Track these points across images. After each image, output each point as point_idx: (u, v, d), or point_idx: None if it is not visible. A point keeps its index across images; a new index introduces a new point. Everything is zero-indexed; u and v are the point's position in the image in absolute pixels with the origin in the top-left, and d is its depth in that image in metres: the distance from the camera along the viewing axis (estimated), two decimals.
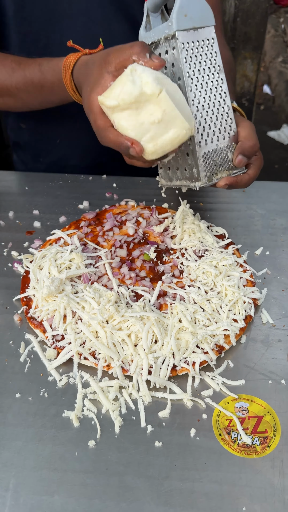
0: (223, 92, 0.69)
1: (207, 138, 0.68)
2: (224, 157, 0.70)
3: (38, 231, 0.86)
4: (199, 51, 0.67)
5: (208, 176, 0.70)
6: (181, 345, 0.62)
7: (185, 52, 0.65)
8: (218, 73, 0.69)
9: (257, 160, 0.75)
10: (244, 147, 0.70)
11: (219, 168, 0.70)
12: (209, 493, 0.50)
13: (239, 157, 0.70)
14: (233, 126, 0.71)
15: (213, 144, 0.69)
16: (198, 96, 0.67)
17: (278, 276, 0.77)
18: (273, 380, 0.61)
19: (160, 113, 0.60)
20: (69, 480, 0.51)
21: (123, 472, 0.52)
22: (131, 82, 0.59)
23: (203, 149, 0.68)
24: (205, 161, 0.69)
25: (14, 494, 0.50)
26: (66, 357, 0.62)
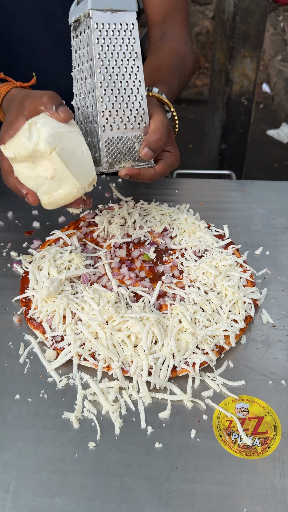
0: (138, 80, 0.68)
1: (113, 124, 0.67)
2: (130, 147, 0.69)
3: (38, 232, 0.86)
4: (115, 34, 0.65)
5: (109, 162, 0.69)
6: (181, 346, 0.62)
7: (97, 33, 0.64)
8: (134, 60, 0.67)
9: (169, 157, 0.74)
10: (149, 140, 0.69)
11: (123, 157, 0.69)
12: (210, 494, 0.50)
13: (145, 149, 0.69)
14: (144, 117, 0.69)
15: (119, 131, 0.68)
16: (107, 79, 0.66)
17: (278, 276, 0.77)
18: (274, 380, 0.61)
19: (52, 171, 0.62)
20: (69, 481, 0.51)
21: (124, 473, 0.52)
22: (27, 137, 0.61)
23: (107, 134, 0.67)
24: (107, 146, 0.68)
25: (15, 496, 0.50)
26: (66, 358, 0.62)
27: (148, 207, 0.88)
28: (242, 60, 1.82)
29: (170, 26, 0.98)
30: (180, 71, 0.90)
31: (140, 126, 0.69)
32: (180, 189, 0.98)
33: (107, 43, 0.65)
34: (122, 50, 0.66)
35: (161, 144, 0.70)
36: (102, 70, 0.66)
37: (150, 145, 0.69)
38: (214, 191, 0.98)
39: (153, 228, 0.84)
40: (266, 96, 3.70)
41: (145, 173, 0.71)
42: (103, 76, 0.66)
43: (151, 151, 0.70)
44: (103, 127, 0.67)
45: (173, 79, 0.86)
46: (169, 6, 0.98)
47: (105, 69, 0.66)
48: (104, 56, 0.65)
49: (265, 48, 4.02)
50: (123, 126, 0.68)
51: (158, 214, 0.86)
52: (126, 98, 0.68)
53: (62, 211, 0.91)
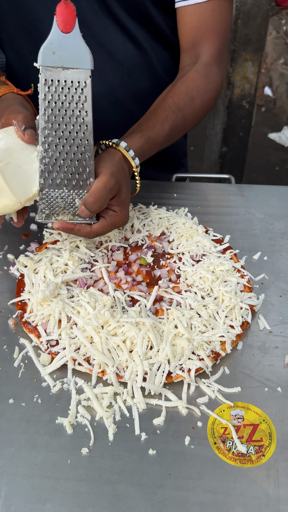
0: (85, 139, 0.67)
1: (53, 179, 0.68)
2: (70, 202, 0.69)
3: (35, 234, 0.85)
4: (65, 92, 0.65)
5: (46, 214, 0.69)
6: (176, 352, 0.62)
7: (45, 89, 0.64)
8: (83, 118, 0.66)
9: (113, 216, 0.72)
10: (86, 200, 0.69)
11: (62, 210, 0.70)
12: (203, 502, 0.50)
13: (82, 207, 0.69)
14: (89, 175, 0.69)
15: (59, 188, 0.68)
16: (52, 135, 0.66)
17: (276, 282, 0.77)
18: (270, 387, 0.61)
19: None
20: (62, 488, 0.51)
21: (116, 480, 0.51)
22: None
23: (46, 187, 0.68)
24: (46, 199, 0.68)
25: (6, 502, 0.49)
26: (61, 362, 0.61)
27: (146, 211, 0.88)
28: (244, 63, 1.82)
29: (199, 53, 0.90)
30: (178, 114, 0.84)
31: (83, 184, 0.69)
32: (178, 193, 0.97)
33: (55, 99, 0.65)
34: (71, 108, 0.66)
35: (96, 207, 0.69)
36: (47, 127, 0.65)
37: (86, 205, 0.69)
38: (213, 195, 0.98)
39: (151, 232, 0.83)
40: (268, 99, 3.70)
41: (79, 229, 0.70)
42: (48, 132, 0.66)
43: (87, 210, 0.69)
44: (43, 181, 0.67)
45: (160, 127, 0.81)
46: (200, 32, 0.89)
47: (50, 125, 0.65)
48: (50, 112, 0.65)
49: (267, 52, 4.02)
50: (64, 183, 0.68)
51: (156, 218, 0.85)
52: (70, 156, 0.67)
53: None
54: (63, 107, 0.66)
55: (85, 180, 0.69)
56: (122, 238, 0.82)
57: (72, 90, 0.65)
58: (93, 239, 0.80)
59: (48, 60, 0.63)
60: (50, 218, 0.70)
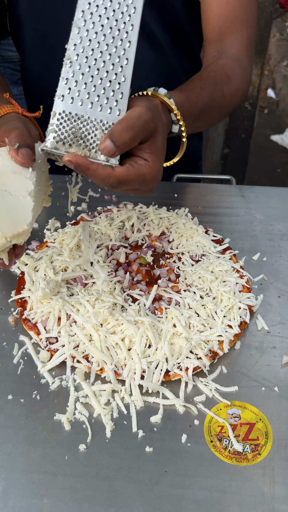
0: (124, 57, 0.56)
1: (75, 97, 0.55)
2: (90, 132, 0.55)
3: (36, 232, 0.86)
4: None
5: (56, 140, 0.55)
6: (174, 350, 0.62)
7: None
8: (127, 32, 0.56)
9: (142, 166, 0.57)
10: (114, 129, 0.54)
11: (77, 141, 0.55)
12: (199, 500, 0.50)
13: (107, 140, 0.54)
14: (120, 103, 0.56)
15: (82, 107, 0.55)
16: (85, 43, 0.55)
17: (274, 282, 0.77)
18: (266, 387, 0.61)
19: None
20: (59, 483, 0.51)
21: (113, 476, 0.52)
22: None
23: (64, 106, 0.55)
24: (60, 121, 0.55)
25: (4, 496, 0.50)
26: (60, 359, 0.62)
27: (147, 211, 0.88)
28: None
29: (226, 45, 0.83)
30: (217, 87, 0.75)
31: (112, 112, 0.55)
32: (179, 193, 0.98)
33: (99, 2, 0.55)
34: (116, 17, 0.55)
35: (125, 137, 0.54)
36: (81, 31, 0.54)
37: (112, 135, 0.54)
38: (213, 195, 0.98)
39: (151, 231, 0.84)
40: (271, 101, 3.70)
41: (96, 169, 0.54)
42: (81, 38, 0.55)
43: (113, 144, 0.54)
44: (62, 97, 0.55)
45: (200, 91, 0.72)
46: (228, 21, 0.83)
47: (86, 31, 0.55)
48: (89, 17, 0.55)
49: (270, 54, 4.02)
50: (88, 105, 0.55)
51: (156, 218, 0.86)
52: (102, 73, 0.55)
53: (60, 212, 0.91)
54: (106, 13, 0.56)
55: (114, 106, 0.56)
56: (123, 238, 0.83)
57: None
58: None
59: None
60: (59, 148, 0.55)
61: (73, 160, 0.54)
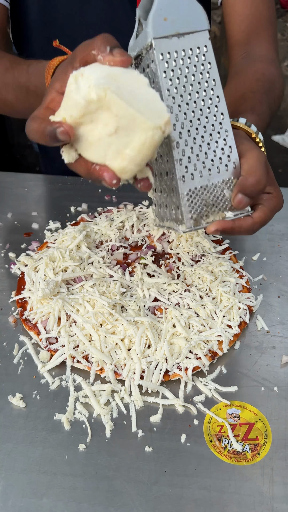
0: (219, 113, 0.56)
1: (194, 172, 0.56)
2: (218, 195, 0.57)
3: (36, 233, 0.86)
4: (185, 63, 0.54)
5: (194, 218, 0.57)
6: (174, 350, 0.62)
7: (164, 65, 0.53)
8: (213, 89, 0.56)
9: (270, 200, 0.61)
10: (245, 184, 0.56)
11: (211, 209, 0.57)
12: (198, 499, 0.50)
13: (239, 196, 0.56)
14: (233, 156, 0.57)
15: (203, 179, 0.56)
16: (181, 119, 0.55)
17: (274, 283, 0.77)
18: (266, 387, 0.61)
19: (113, 120, 0.48)
20: (58, 483, 0.51)
21: (112, 476, 0.52)
22: (76, 91, 0.49)
23: (188, 185, 0.55)
24: (190, 199, 0.56)
25: (3, 496, 0.50)
26: (59, 360, 0.62)
27: (146, 211, 0.88)
28: None
29: (255, 45, 0.83)
30: (269, 96, 0.75)
31: (228, 168, 0.57)
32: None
33: (177, 74, 0.54)
34: (197, 80, 0.55)
35: (259, 188, 0.57)
36: (174, 109, 0.54)
37: (245, 190, 0.56)
38: None
39: (151, 232, 0.84)
40: None
41: (240, 225, 0.58)
42: (176, 115, 0.54)
43: (247, 197, 0.57)
44: (183, 178, 0.55)
45: (261, 106, 0.72)
46: (254, 21, 0.83)
47: (178, 106, 0.54)
48: (175, 92, 0.54)
49: None
50: (207, 172, 0.56)
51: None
52: (207, 137, 0.56)
53: (61, 213, 0.91)
54: (187, 81, 0.54)
55: (229, 163, 0.57)
56: (123, 238, 0.83)
57: (193, 59, 0.54)
58: None
59: (161, 29, 0.52)
60: (199, 224, 0.57)
61: (219, 228, 0.56)
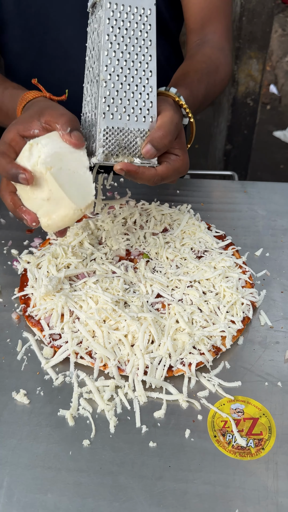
0: (149, 70, 0.63)
1: (115, 112, 0.62)
2: (132, 141, 0.63)
3: (38, 230, 0.86)
4: (129, 17, 0.61)
5: (105, 154, 0.63)
6: (177, 346, 0.62)
7: (109, 12, 0.60)
8: (147, 48, 0.63)
9: (176, 161, 0.67)
10: (153, 136, 0.63)
11: (122, 150, 0.63)
12: (202, 494, 0.50)
13: (147, 146, 0.63)
14: (152, 110, 0.64)
15: (121, 121, 0.62)
16: (114, 63, 0.61)
17: (277, 278, 0.77)
18: (270, 382, 0.61)
19: (48, 192, 0.61)
20: (63, 478, 0.51)
21: (117, 471, 0.52)
22: (27, 158, 0.61)
23: (107, 121, 0.62)
24: (105, 136, 0.62)
25: (8, 492, 0.50)
26: (63, 356, 0.62)
27: (149, 207, 0.88)
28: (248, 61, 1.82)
29: (208, 33, 0.92)
30: (210, 77, 0.83)
31: (146, 120, 0.64)
32: (181, 189, 0.98)
33: (119, 25, 0.61)
34: (135, 36, 0.62)
35: (165, 142, 0.64)
36: (110, 53, 0.61)
37: (153, 141, 0.63)
38: (216, 191, 0.98)
39: (153, 228, 0.84)
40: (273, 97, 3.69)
41: (143, 172, 0.64)
42: (110, 59, 0.61)
43: (154, 148, 0.63)
44: (104, 114, 0.62)
45: (198, 85, 0.79)
46: (209, 12, 0.92)
47: (113, 52, 0.61)
48: (114, 39, 0.61)
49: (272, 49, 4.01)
50: (126, 117, 0.63)
51: (158, 214, 0.86)
52: (133, 87, 0.63)
53: None
54: (127, 34, 0.62)
55: (147, 116, 0.64)
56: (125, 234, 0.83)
57: (137, 17, 0.62)
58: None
59: None
60: (109, 160, 0.63)
61: (124, 168, 0.62)
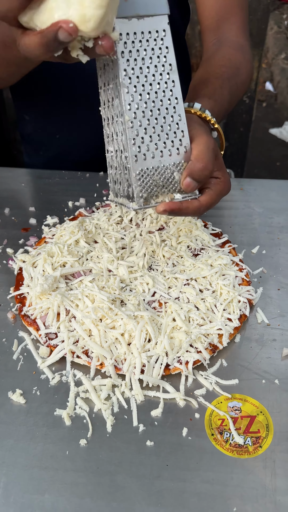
0: (174, 97, 0.58)
1: (146, 152, 0.58)
2: (169, 177, 0.60)
3: (34, 228, 0.86)
4: (144, 45, 0.56)
5: (144, 197, 0.59)
6: (174, 344, 0.62)
7: (122, 45, 0.54)
8: (169, 73, 0.58)
9: (217, 184, 0.64)
10: (192, 168, 0.60)
11: (160, 190, 0.60)
12: (200, 493, 0.50)
13: (187, 179, 0.60)
14: (184, 140, 0.60)
15: (155, 160, 0.58)
16: (137, 99, 0.56)
17: (274, 275, 0.77)
18: (267, 379, 0.61)
19: None
20: (60, 479, 0.51)
21: (114, 471, 0.52)
22: None
23: (140, 165, 0.58)
24: (141, 179, 0.59)
25: (5, 492, 0.50)
26: (59, 355, 0.62)
27: None
28: None
29: (225, 31, 0.87)
30: (232, 81, 0.79)
31: (180, 152, 0.60)
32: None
33: (135, 56, 0.56)
34: (154, 63, 0.57)
35: (206, 173, 0.60)
36: (130, 89, 0.56)
37: (193, 174, 0.60)
38: None
39: (149, 226, 0.83)
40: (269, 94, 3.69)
41: (187, 207, 0.61)
42: (132, 96, 0.56)
43: (195, 181, 0.60)
44: (135, 157, 0.58)
45: (221, 92, 0.75)
46: (224, 7, 0.86)
47: (133, 87, 0.56)
48: (132, 72, 0.56)
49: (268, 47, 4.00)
50: (159, 154, 0.59)
51: (154, 212, 0.85)
52: (161, 120, 0.58)
53: (58, 208, 0.91)
54: (144, 63, 0.56)
55: (181, 147, 0.60)
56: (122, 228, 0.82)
57: (151, 42, 0.56)
58: None
59: (121, 10, 0.53)
60: (149, 203, 0.60)
61: (168, 208, 0.59)
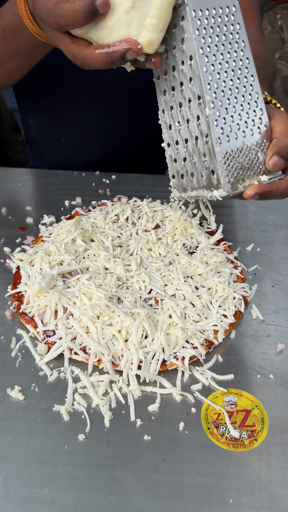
0: (250, 75, 0.55)
1: (229, 133, 0.54)
2: (253, 158, 0.56)
3: (31, 227, 0.86)
4: (217, 21, 0.53)
5: (232, 182, 0.55)
6: (170, 340, 0.63)
7: (196, 22, 0.51)
8: (243, 50, 0.55)
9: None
10: (280, 145, 0.56)
11: (246, 172, 0.56)
12: (197, 485, 0.51)
13: (274, 158, 0.56)
14: (264, 118, 0.57)
15: (238, 141, 0.55)
16: (215, 79, 0.53)
17: (268, 272, 0.78)
18: (262, 374, 0.62)
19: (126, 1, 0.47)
20: (59, 473, 0.52)
21: (112, 465, 0.53)
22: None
23: (224, 147, 0.54)
24: (227, 163, 0.54)
25: (5, 487, 0.51)
26: (57, 352, 0.63)
27: (141, 204, 0.89)
28: None
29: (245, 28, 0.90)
30: (265, 73, 0.76)
31: (261, 130, 0.56)
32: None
33: (210, 33, 0.52)
34: (227, 40, 0.54)
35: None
36: (208, 68, 0.52)
37: (281, 152, 0.56)
38: None
39: (145, 225, 0.84)
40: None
41: (277, 188, 0.57)
42: (211, 75, 0.52)
43: (282, 159, 0.57)
44: (219, 139, 0.54)
45: (266, 81, 0.73)
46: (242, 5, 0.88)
47: (211, 66, 0.52)
48: (208, 50, 0.52)
49: None
50: (241, 134, 0.55)
51: (150, 211, 0.86)
52: (240, 98, 0.55)
53: (55, 207, 0.91)
54: (219, 41, 0.53)
55: (261, 125, 0.57)
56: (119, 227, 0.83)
57: (224, 18, 0.53)
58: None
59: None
60: (236, 188, 0.56)
61: (259, 191, 0.55)
